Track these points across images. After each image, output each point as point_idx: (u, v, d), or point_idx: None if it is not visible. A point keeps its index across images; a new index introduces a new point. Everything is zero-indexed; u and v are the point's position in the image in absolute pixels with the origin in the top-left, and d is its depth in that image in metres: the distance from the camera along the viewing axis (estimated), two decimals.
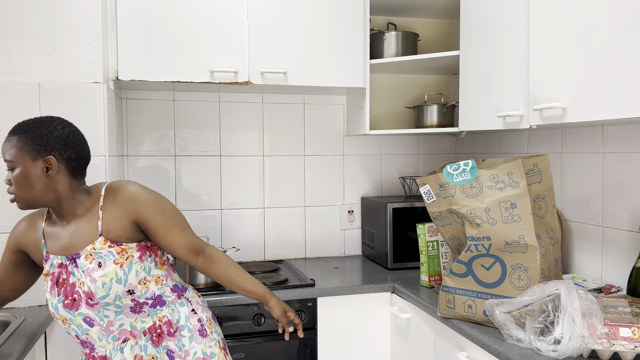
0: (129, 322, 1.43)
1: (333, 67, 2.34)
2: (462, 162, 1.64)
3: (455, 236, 1.72)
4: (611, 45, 1.40)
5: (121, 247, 1.41)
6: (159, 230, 1.44)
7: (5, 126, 1.84)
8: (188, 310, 1.51)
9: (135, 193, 1.44)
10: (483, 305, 1.60)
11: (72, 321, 1.42)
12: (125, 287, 1.39)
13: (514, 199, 1.55)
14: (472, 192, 1.61)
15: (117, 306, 1.40)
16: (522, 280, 1.55)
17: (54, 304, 1.42)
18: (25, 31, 1.85)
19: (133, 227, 1.44)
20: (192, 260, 1.50)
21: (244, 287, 1.51)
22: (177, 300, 1.51)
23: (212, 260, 1.51)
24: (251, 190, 2.63)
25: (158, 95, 2.50)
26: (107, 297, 1.38)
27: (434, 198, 1.70)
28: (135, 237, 1.44)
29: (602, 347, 1.32)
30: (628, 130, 1.77)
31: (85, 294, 1.38)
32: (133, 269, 1.40)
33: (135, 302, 1.42)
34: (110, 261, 1.39)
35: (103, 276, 1.37)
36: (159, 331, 1.46)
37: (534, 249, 1.53)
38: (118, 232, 1.41)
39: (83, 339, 1.46)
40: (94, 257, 1.38)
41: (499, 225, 1.56)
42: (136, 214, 1.42)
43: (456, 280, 1.67)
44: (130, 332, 1.44)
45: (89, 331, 1.43)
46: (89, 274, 1.38)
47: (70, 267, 1.40)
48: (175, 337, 1.47)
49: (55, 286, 1.41)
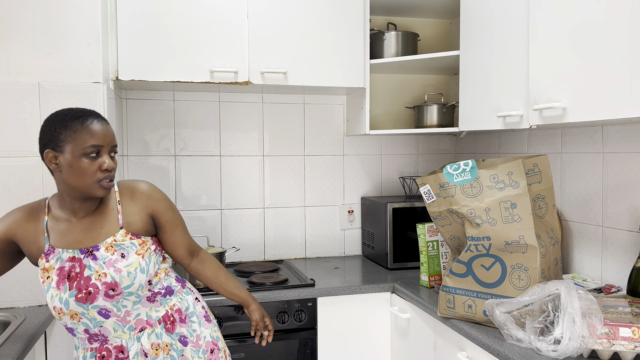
0: (144, 311, 1.47)
1: (333, 67, 2.34)
2: (462, 162, 1.64)
3: (455, 236, 1.72)
4: (611, 45, 1.40)
5: (141, 239, 1.47)
6: (169, 226, 1.53)
7: (5, 126, 1.84)
8: (193, 298, 1.58)
9: (151, 189, 1.52)
10: (483, 305, 1.60)
11: (84, 315, 1.41)
12: (147, 276, 1.44)
13: (514, 199, 1.55)
14: (472, 192, 1.61)
15: (137, 296, 1.43)
16: (522, 280, 1.55)
17: (64, 298, 1.39)
18: (25, 31, 1.85)
19: (149, 221, 1.50)
20: (186, 260, 1.60)
21: (229, 290, 1.64)
22: (183, 290, 1.57)
23: (205, 262, 1.63)
24: (251, 190, 2.63)
25: (158, 95, 2.50)
26: (131, 287, 1.41)
27: (434, 198, 1.70)
28: (150, 230, 1.51)
29: (602, 347, 1.32)
30: (628, 130, 1.77)
31: (105, 285, 1.39)
32: (152, 260, 1.47)
33: (151, 292, 1.47)
34: (133, 252, 1.44)
35: (128, 266, 1.41)
36: (171, 319, 1.51)
37: (534, 249, 1.53)
38: (138, 225, 1.47)
39: (94, 332, 1.44)
40: (115, 249, 1.42)
41: (499, 225, 1.56)
42: (152, 208, 1.50)
43: (456, 280, 1.67)
44: (146, 322, 1.47)
45: (103, 323, 1.43)
46: (111, 264, 1.40)
47: (85, 260, 1.41)
48: (186, 324, 1.53)
49: (67, 280, 1.40)
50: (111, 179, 1.40)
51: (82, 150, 1.34)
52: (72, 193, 1.40)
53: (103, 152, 1.38)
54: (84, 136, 1.34)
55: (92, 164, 1.36)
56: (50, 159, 1.36)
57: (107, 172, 1.38)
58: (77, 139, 1.34)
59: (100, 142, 1.36)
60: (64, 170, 1.36)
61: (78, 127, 1.35)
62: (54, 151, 1.35)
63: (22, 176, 1.85)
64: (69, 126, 1.35)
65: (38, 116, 1.86)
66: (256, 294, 2.01)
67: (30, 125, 1.85)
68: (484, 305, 1.58)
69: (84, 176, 1.35)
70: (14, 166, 1.85)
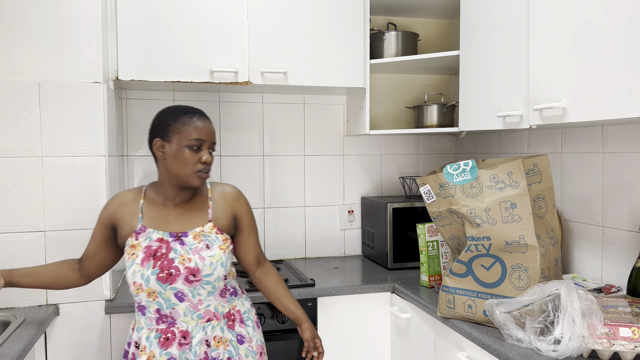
0: (214, 304, 1.56)
1: (333, 67, 2.34)
2: (462, 162, 1.64)
3: (455, 236, 1.72)
4: (611, 45, 1.40)
5: (225, 236, 1.59)
6: (246, 230, 1.66)
7: (5, 126, 1.84)
8: (249, 304, 1.70)
9: (239, 193, 1.67)
10: (483, 305, 1.60)
11: (161, 294, 1.50)
12: (225, 271, 1.55)
13: (514, 199, 1.55)
14: (472, 192, 1.61)
15: (213, 287, 1.53)
16: (522, 280, 1.55)
17: (146, 275, 1.48)
18: (25, 31, 1.85)
19: (232, 221, 1.63)
20: (253, 267, 1.70)
21: (286, 305, 1.69)
22: (243, 295, 1.70)
23: (268, 273, 1.71)
24: (251, 190, 2.63)
25: (158, 95, 2.50)
26: (210, 276, 1.51)
27: (434, 198, 1.70)
28: (231, 230, 1.63)
29: (602, 347, 1.32)
30: (628, 130, 1.77)
31: (188, 270, 1.49)
32: (229, 257, 1.58)
33: (224, 288, 1.58)
34: (217, 245, 1.55)
35: (211, 256, 1.52)
36: (233, 317, 1.61)
37: (534, 249, 1.53)
38: (224, 222, 1.61)
39: (165, 313, 1.52)
40: (201, 239, 1.54)
41: (499, 225, 1.56)
42: (237, 209, 1.63)
43: (456, 280, 1.67)
44: (213, 314, 1.56)
45: (176, 306, 1.52)
46: (197, 252, 1.52)
47: (172, 244, 1.52)
48: (243, 325, 1.64)
49: (152, 259, 1.50)
50: (207, 171, 1.53)
51: (186, 142, 1.49)
52: (171, 180, 1.54)
53: (204, 147, 1.52)
54: (189, 130, 1.50)
55: (194, 155, 1.50)
56: (158, 147, 1.52)
57: (205, 165, 1.52)
58: (183, 132, 1.49)
59: (203, 137, 1.51)
60: (168, 158, 1.51)
61: (186, 121, 1.51)
62: (162, 140, 1.51)
63: (22, 176, 1.85)
64: (178, 120, 1.51)
65: (38, 116, 1.86)
66: (256, 294, 2.01)
67: (30, 125, 1.85)
68: (484, 305, 1.58)
69: (185, 165, 1.50)
70: (14, 166, 1.85)
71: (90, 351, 1.92)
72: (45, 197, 1.87)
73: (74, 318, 1.91)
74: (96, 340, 1.93)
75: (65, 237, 1.89)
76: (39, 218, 1.87)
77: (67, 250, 1.89)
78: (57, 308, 1.88)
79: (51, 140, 1.87)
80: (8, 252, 1.85)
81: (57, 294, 1.89)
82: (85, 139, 1.90)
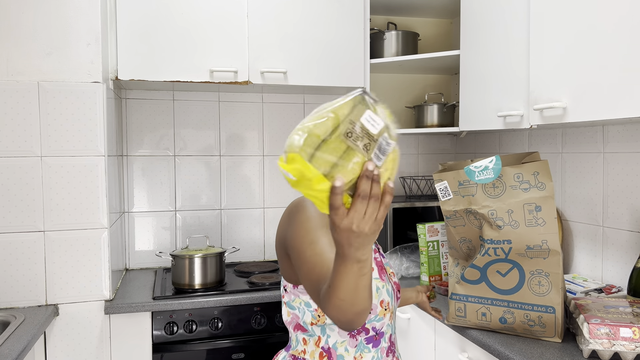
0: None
1: (333, 66, 2.34)
2: (486, 159, 1.52)
3: (467, 238, 1.61)
4: (611, 45, 1.39)
5: None
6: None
7: (5, 126, 1.84)
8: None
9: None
10: (499, 312, 1.53)
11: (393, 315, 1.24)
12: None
13: (539, 201, 1.45)
14: (494, 192, 1.51)
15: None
16: (542, 286, 1.48)
17: (390, 291, 1.19)
18: (25, 31, 1.85)
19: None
20: None
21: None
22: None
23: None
24: (251, 190, 2.63)
25: (158, 95, 2.50)
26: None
27: (450, 196, 1.59)
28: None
29: (602, 347, 1.32)
30: (628, 130, 1.76)
31: (396, 285, 1.26)
32: None
33: None
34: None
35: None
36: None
37: (556, 254, 1.45)
38: None
39: (393, 341, 1.24)
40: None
41: (521, 228, 1.47)
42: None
43: (468, 287, 1.58)
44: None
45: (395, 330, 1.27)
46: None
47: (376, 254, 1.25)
48: None
49: (384, 271, 1.22)
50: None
51: None
52: None
53: None
54: None
55: None
56: None
57: None
58: None
59: None
60: None
61: None
62: None
63: (22, 176, 1.85)
64: None
65: (37, 116, 1.86)
66: (256, 294, 2.01)
67: (29, 125, 1.85)
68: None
69: None
70: (13, 166, 1.84)
71: (89, 351, 1.92)
72: (45, 197, 1.87)
73: (74, 318, 1.91)
74: (96, 340, 1.93)
75: (65, 237, 1.89)
76: (38, 218, 1.87)
77: (67, 251, 1.89)
78: (56, 308, 1.88)
79: (51, 140, 1.87)
80: (8, 252, 1.85)
81: (57, 294, 1.89)
82: (85, 138, 1.90)
